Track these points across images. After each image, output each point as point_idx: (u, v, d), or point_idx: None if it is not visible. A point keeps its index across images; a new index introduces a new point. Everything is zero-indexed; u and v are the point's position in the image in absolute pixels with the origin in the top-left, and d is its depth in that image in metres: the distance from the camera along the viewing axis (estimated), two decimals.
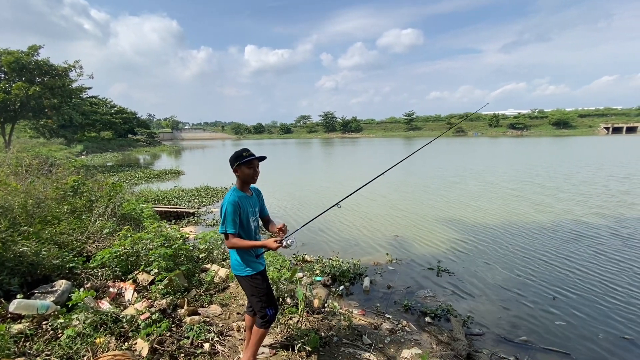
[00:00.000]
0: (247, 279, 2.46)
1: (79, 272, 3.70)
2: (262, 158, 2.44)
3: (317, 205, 10.79)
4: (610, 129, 73.69)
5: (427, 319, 4.14)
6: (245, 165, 2.38)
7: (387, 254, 6.40)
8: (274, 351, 2.96)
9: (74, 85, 25.14)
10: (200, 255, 4.85)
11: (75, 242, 4.27)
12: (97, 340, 2.59)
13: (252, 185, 2.56)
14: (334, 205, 2.98)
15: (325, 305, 4.08)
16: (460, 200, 11.12)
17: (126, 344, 2.68)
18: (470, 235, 7.57)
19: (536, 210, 9.54)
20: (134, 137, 57.67)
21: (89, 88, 31.20)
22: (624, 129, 72.98)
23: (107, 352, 2.46)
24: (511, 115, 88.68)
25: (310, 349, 2.97)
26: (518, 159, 24.92)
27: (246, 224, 2.42)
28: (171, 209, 9.04)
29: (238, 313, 3.61)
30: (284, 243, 2.36)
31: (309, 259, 6.09)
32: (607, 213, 9.06)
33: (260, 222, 2.73)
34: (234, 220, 2.31)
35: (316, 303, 3.95)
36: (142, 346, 2.63)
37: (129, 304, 3.37)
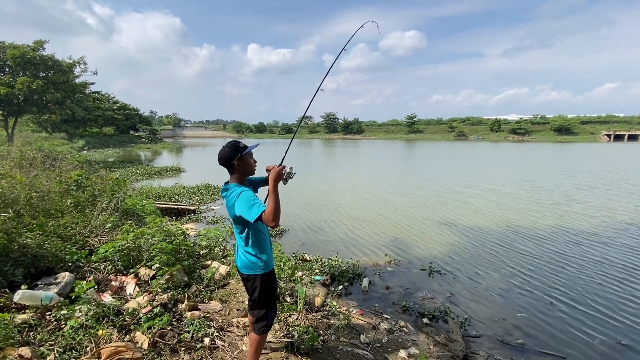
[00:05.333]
0: (264, 278, 2.32)
1: (81, 265, 3.73)
2: (255, 146, 2.36)
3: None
4: (612, 137, 73.72)
5: (425, 320, 4.18)
6: (247, 155, 2.24)
7: (386, 255, 6.44)
8: (273, 348, 3.00)
9: (78, 80, 25.26)
10: (201, 252, 4.89)
11: (78, 236, 4.31)
12: (100, 332, 2.63)
13: None
14: None
15: (325, 304, 4.11)
16: (458, 203, 11.15)
17: (128, 336, 2.72)
18: (468, 238, 7.60)
19: (529, 215, 9.58)
20: (136, 134, 57.71)
21: (92, 83, 31.48)
22: (626, 137, 73.03)
23: (109, 343, 2.50)
24: (513, 120, 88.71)
25: (308, 347, 3.00)
26: (500, 165, 24.97)
27: None
28: (172, 206, 9.10)
29: (238, 309, 3.64)
30: (285, 172, 2.20)
31: (308, 258, 6.13)
32: (612, 219, 9.09)
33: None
34: (256, 199, 2.09)
35: (316, 302, 3.99)
36: (143, 339, 2.67)
37: (131, 298, 3.41)
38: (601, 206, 10.78)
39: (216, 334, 3.02)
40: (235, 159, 2.20)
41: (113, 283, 3.62)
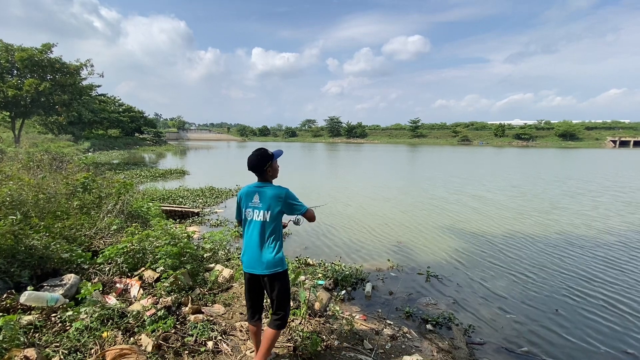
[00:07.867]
0: (286, 274, 2.52)
1: (86, 267, 3.76)
2: (281, 153, 2.63)
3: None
4: (618, 142, 73.25)
5: (429, 326, 4.15)
6: (275, 161, 2.54)
7: (389, 260, 6.41)
8: (275, 353, 2.99)
9: (85, 83, 25.55)
10: (205, 255, 4.91)
11: (83, 238, 4.34)
12: (104, 334, 2.64)
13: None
14: None
15: (327, 309, 4.10)
16: (463, 208, 11.11)
17: (132, 338, 2.73)
18: (472, 244, 7.56)
19: (540, 222, 9.52)
20: (141, 136, 58.12)
21: (99, 86, 31.83)
22: (631, 143, 72.53)
23: (114, 345, 2.51)
24: (517, 126, 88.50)
25: (311, 352, 2.99)
26: (496, 170, 24.79)
27: None
28: (176, 208, 9.13)
29: (241, 313, 3.64)
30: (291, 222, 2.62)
31: (311, 262, 6.12)
32: (602, 224, 9.01)
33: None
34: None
35: (318, 306, 3.98)
36: (147, 342, 2.68)
37: (135, 300, 3.42)
38: (580, 213, 10.72)
39: (219, 337, 3.02)
40: (267, 166, 2.47)
41: (117, 285, 3.64)
